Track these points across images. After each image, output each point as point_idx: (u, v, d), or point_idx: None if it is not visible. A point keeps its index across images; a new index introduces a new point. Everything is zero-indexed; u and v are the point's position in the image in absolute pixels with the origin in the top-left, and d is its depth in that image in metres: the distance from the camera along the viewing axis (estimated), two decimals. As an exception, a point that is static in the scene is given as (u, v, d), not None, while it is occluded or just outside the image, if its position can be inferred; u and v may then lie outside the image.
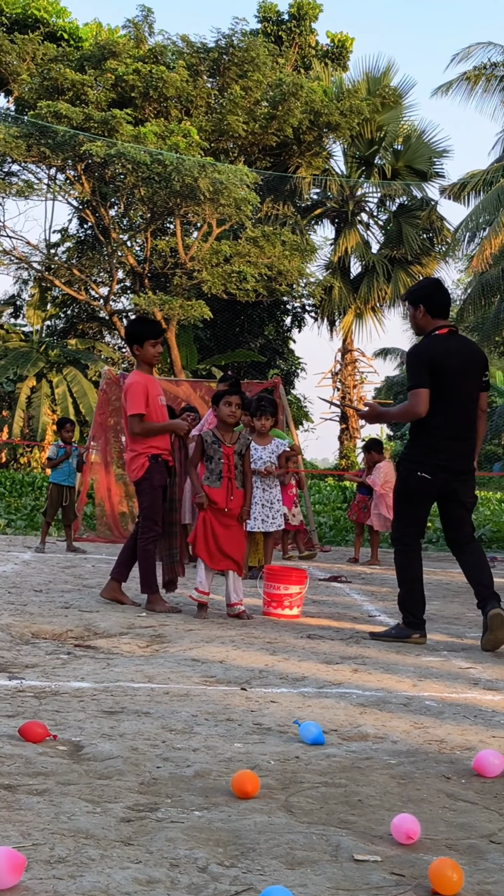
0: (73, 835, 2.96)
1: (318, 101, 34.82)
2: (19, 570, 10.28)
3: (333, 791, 3.51)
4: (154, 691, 4.96)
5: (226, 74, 34.09)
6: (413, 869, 2.83)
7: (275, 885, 2.59)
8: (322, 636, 7.12)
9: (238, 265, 31.74)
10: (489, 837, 3.14)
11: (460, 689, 5.47)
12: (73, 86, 32.00)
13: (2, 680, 5.04)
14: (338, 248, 39.17)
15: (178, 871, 2.73)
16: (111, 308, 36.97)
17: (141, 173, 29.83)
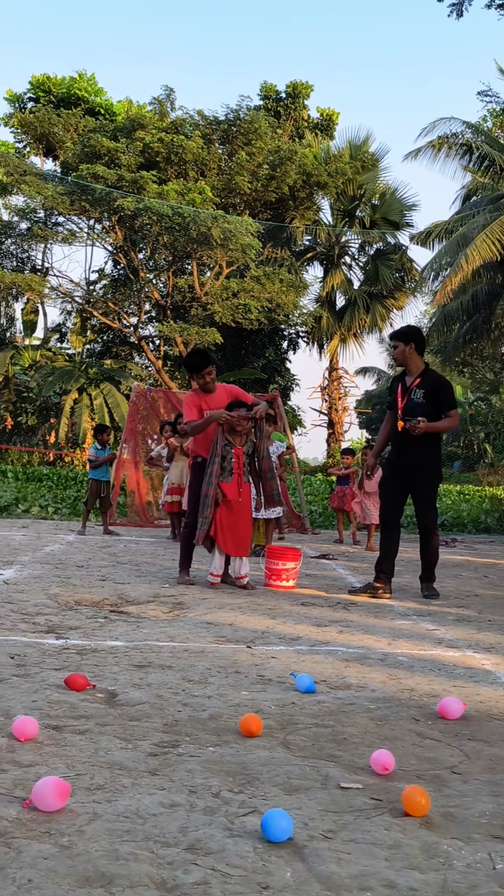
0: (109, 767, 2.97)
1: (310, 165, 34.85)
2: (64, 550, 10.29)
3: (323, 731, 3.52)
4: (175, 649, 4.97)
5: (234, 142, 34.13)
6: (388, 795, 2.84)
7: (275, 808, 2.59)
8: (313, 603, 7.13)
9: (244, 299, 31.78)
10: (451, 769, 3.14)
11: (427, 647, 5.47)
12: (108, 152, 32.04)
13: (50, 639, 5.05)
14: (325, 285, 39.24)
15: (196, 797, 2.74)
16: (139, 334, 37.04)
17: (164, 224, 29.89)
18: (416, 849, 2.45)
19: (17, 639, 5.01)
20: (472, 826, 2.63)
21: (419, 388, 7.70)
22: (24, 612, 5.91)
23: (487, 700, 4.15)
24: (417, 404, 7.64)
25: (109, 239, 35.19)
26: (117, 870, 2.22)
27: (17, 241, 37.27)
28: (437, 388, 7.74)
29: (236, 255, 31.23)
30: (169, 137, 32.22)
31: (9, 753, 3.04)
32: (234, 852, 2.36)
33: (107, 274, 39.42)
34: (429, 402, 7.64)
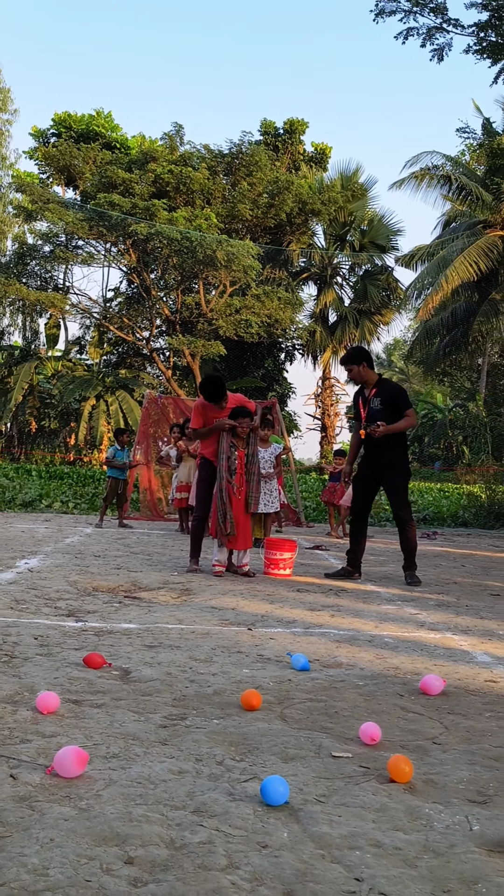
0: (123, 737, 2.97)
1: (305, 194, 34.89)
2: (82, 541, 10.29)
3: (316, 705, 3.52)
4: (183, 631, 4.97)
5: (236, 174, 34.16)
6: (375, 763, 2.84)
7: (273, 774, 2.60)
8: (307, 590, 7.13)
9: (245, 315, 31.83)
10: (432, 740, 3.15)
11: (410, 629, 5.47)
12: (123, 182, 32.08)
13: (70, 622, 5.05)
14: (319, 303, 39.34)
15: (202, 764, 2.74)
16: (151, 347, 37.08)
17: (173, 247, 29.93)
18: (400, 812, 2.45)
19: (41, 621, 5.01)
20: (451, 791, 2.63)
21: (376, 397, 7.89)
22: (46, 597, 5.92)
23: (465, 677, 4.16)
24: (377, 411, 7.83)
25: (124, 260, 35.25)
26: (131, 830, 2.23)
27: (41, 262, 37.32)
28: (392, 393, 7.92)
29: (239, 276, 31.29)
30: (178, 169, 32.27)
31: (33, 725, 3.04)
32: (236, 815, 2.37)
33: (122, 292, 39.46)
34: (387, 408, 7.82)
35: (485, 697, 3.79)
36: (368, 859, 2.15)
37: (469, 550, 12.12)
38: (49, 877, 1.97)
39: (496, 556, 11.50)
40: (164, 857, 2.11)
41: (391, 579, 8.17)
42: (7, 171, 43.21)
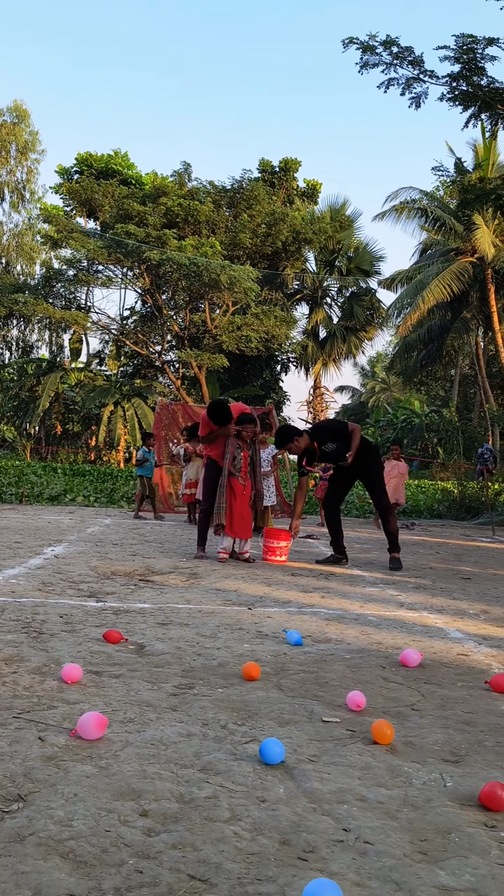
0: (138, 704, 2.97)
1: (298, 225, 34.95)
2: (102, 531, 10.29)
3: (309, 675, 3.52)
4: (191, 610, 4.97)
5: (238, 207, 34.22)
6: (361, 727, 2.84)
7: (271, 737, 2.60)
8: (301, 574, 7.13)
9: (245, 331, 31.87)
10: (411, 706, 3.15)
11: (391, 609, 5.47)
12: (138, 214, 32.12)
13: (92, 602, 5.05)
14: (310, 321, 39.40)
15: (207, 728, 2.74)
16: (163, 359, 37.10)
17: (182, 271, 29.96)
18: (382, 770, 2.45)
19: (65, 602, 5.01)
20: (427, 752, 2.63)
21: (323, 443, 7.88)
22: (70, 580, 5.92)
23: (440, 651, 4.16)
24: (333, 450, 7.84)
25: (139, 283, 35.28)
26: (145, 786, 2.23)
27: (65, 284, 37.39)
28: (331, 431, 7.99)
29: (240, 297, 31.31)
30: (186, 203, 32.32)
31: (58, 693, 3.04)
32: (238, 773, 2.37)
33: (136, 311, 39.51)
34: (337, 441, 7.82)
35: (457, 669, 3.79)
36: (355, 812, 2.15)
37: (443, 539, 12.12)
38: (73, 827, 1.98)
39: (467, 544, 11.50)
40: (175, 810, 2.11)
41: (374, 565, 8.17)
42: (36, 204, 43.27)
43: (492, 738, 2.79)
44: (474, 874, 1.85)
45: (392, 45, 13.76)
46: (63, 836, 1.93)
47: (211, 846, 1.92)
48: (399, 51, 13.80)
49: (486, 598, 6.18)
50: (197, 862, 1.85)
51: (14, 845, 1.88)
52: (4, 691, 3.04)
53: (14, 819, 2.01)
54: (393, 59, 13.88)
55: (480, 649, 4.26)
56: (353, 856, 1.92)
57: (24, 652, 3.64)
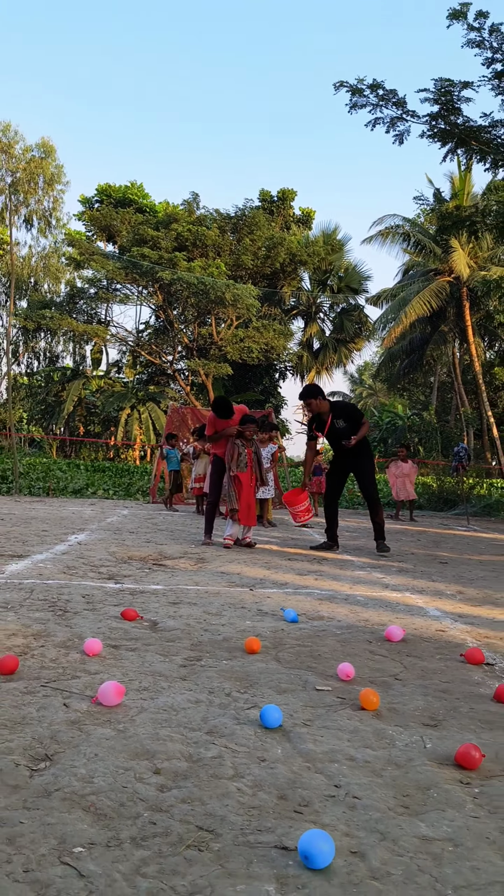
0: (152, 674, 2.97)
1: (295, 248, 34.90)
2: (120, 521, 10.29)
3: (304, 649, 3.51)
4: (199, 591, 4.97)
5: (241, 232, 34.18)
6: (350, 695, 2.84)
7: (270, 703, 2.60)
8: (296, 559, 7.12)
9: (248, 343, 31.84)
10: (394, 676, 3.14)
11: (377, 590, 5.47)
12: (152, 239, 32.07)
13: (111, 584, 5.05)
14: (305, 333, 39.32)
15: (213, 695, 2.74)
16: (174, 368, 37.05)
17: (191, 290, 29.92)
18: (369, 733, 2.45)
19: (87, 583, 5.01)
20: (409, 717, 2.63)
21: (337, 418, 7.75)
22: (91, 564, 5.92)
23: (420, 628, 4.15)
24: (342, 428, 7.71)
25: (153, 300, 35.24)
26: (158, 747, 2.23)
27: (87, 301, 37.38)
28: (348, 411, 7.82)
29: (242, 312, 31.27)
30: (195, 228, 32.29)
31: (81, 665, 3.04)
32: (241, 735, 2.37)
33: (151, 325, 39.45)
34: (348, 423, 7.72)
35: (436, 644, 3.78)
36: (345, 770, 2.15)
37: (423, 528, 12.11)
38: (94, 783, 1.98)
39: (445, 532, 11.49)
40: (185, 768, 2.11)
41: (362, 550, 8.16)
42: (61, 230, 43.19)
43: (466, 705, 2.79)
44: (451, 826, 1.86)
45: (378, 87, 13.73)
46: (85, 791, 1.93)
47: (216, 801, 1.92)
48: (384, 93, 13.77)
49: (462, 581, 6.18)
50: (204, 815, 1.85)
51: (41, 800, 1.88)
52: (33, 663, 3.04)
53: (41, 776, 2.01)
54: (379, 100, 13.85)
55: (456, 626, 4.25)
56: (343, 809, 1.92)
57: (50, 628, 3.64)
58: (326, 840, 1.64)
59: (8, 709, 2.49)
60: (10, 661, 2.87)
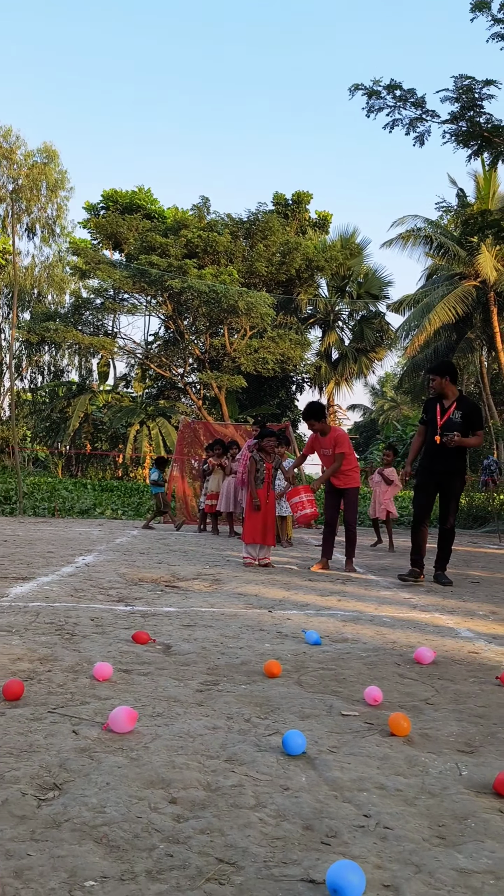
0: (166, 699, 2.95)
1: (311, 253, 35.02)
2: (130, 541, 10.29)
3: (327, 672, 3.48)
4: (214, 613, 4.95)
5: (254, 237, 34.35)
6: (378, 720, 2.81)
7: (292, 729, 2.57)
8: (318, 579, 7.08)
9: (262, 354, 31.89)
10: (425, 700, 3.11)
11: (405, 611, 5.42)
12: (161, 246, 32.32)
13: (120, 606, 5.04)
14: (323, 343, 39.33)
15: (232, 721, 2.72)
16: (185, 381, 37.21)
17: (202, 298, 30.08)
18: (400, 760, 2.42)
19: (96, 606, 5.00)
20: (443, 743, 2.59)
21: (458, 410, 7.07)
22: (100, 586, 5.91)
23: (451, 649, 4.11)
24: (455, 422, 7.02)
25: (162, 310, 35.45)
26: (174, 775, 2.21)
27: (93, 312, 37.67)
28: (472, 410, 7.11)
29: (257, 321, 31.37)
30: (206, 234, 32.50)
31: (91, 690, 3.03)
32: (262, 763, 2.34)
33: (160, 336, 39.65)
34: (464, 422, 7.02)
35: (469, 666, 3.74)
36: (374, 799, 2.12)
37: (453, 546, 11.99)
38: (106, 813, 1.96)
39: (475, 550, 11.40)
40: (202, 797, 2.08)
41: (388, 570, 8.11)
42: (65, 238, 43.66)
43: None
44: (491, 857, 1.82)
45: (396, 88, 13.80)
46: (97, 822, 1.91)
47: (237, 831, 1.90)
48: (402, 94, 13.84)
49: (495, 600, 6.12)
50: (224, 846, 1.82)
51: (50, 831, 1.86)
52: (40, 688, 3.03)
53: (50, 806, 1.99)
54: (397, 101, 13.91)
55: (491, 647, 4.20)
56: (374, 840, 1.88)
57: (57, 652, 3.63)
58: (357, 872, 1.60)
59: (14, 736, 2.48)
60: (15, 687, 2.86)
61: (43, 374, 45.59)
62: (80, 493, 21.69)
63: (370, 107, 14.01)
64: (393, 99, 13.92)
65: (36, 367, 45.13)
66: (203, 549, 9.60)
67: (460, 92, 13.59)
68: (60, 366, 45.68)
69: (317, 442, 8.22)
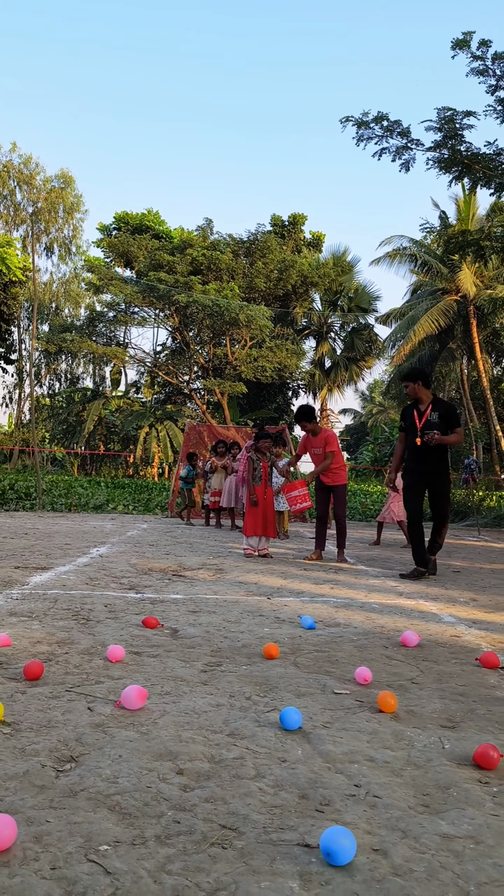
0: (174, 679, 2.95)
1: (306, 270, 35.03)
2: (140, 534, 10.28)
3: (321, 654, 3.48)
4: (218, 600, 4.94)
5: (253, 256, 34.36)
6: (368, 698, 2.80)
7: (289, 706, 2.57)
8: (312, 568, 7.07)
9: (261, 362, 31.89)
10: (411, 680, 3.10)
11: (392, 598, 5.42)
12: (168, 263, 32.32)
13: (132, 594, 5.03)
14: (317, 352, 39.31)
15: (234, 699, 2.71)
16: (190, 387, 37.16)
17: (206, 312, 30.08)
18: (388, 734, 2.42)
19: (109, 593, 5.00)
20: (427, 719, 2.59)
21: (434, 411, 6.81)
22: (113, 575, 5.91)
23: (435, 633, 4.10)
24: (434, 423, 6.76)
25: (169, 322, 35.44)
26: (181, 749, 2.21)
27: (106, 324, 37.68)
28: (448, 410, 6.85)
29: (256, 333, 31.38)
30: (209, 253, 32.49)
31: (105, 671, 3.02)
32: (261, 737, 2.34)
33: (167, 346, 39.64)
34: (442, 422, 6.75)
35: (451, 648, 3.74)
36: (364, 770, 2.12)
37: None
38: (119, 784, 1.96)
39: (456, 542, 11.39)
40: (207, 769, 2.08)
41: (376, 561, 8.09)
42: (81, 256, 43.68)
43: (483, 707, 2.74)
44: (471, 823, 1.82)
45: (383, 119, 13.81)
46: (110, 791, 1.91)
47: (239, 800, 1.90)
48: (389, 124, 13.85)
49: (475, 588, 6.11)
50: (227, 813, 1.82)
51: (68, 799, 1.86)
52: (58, 669, 3.03)
53: (67, 777, 1.99)
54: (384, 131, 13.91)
55: (471, 631, 4.20)
56: (364, 808, 1.88)
57: (74, 636, 3.63)
58: (348, 837, 1.60)
59: (34, 713, 2.48)
60: (35, 668, 2.86)
61: (60, 381, 45.62)
62: (94, 489, 21.68)
63: (360, 136, 14.01)
64: (381, 129, 13.92)
65: (54, 374, 45.15)
66: (207, 541, 9.60)
67: (443, 122, 13.60)
68: (76, 373, 45.72)
69: (308, 442, 8.18)
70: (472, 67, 13.27)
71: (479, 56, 13.12)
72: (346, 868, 1.59)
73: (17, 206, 42.58)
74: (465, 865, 1.63)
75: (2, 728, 2.33)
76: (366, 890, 1.52)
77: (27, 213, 42.30)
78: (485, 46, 13.04)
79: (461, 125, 13.58)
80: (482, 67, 13.23)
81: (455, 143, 13.79)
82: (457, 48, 13.15)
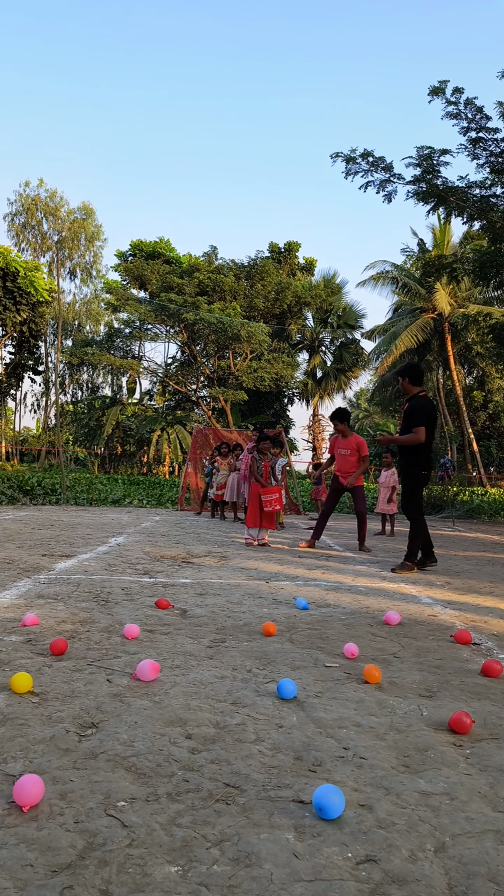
0: (183, 654, 2.94)
1: (300, 292, 35.04)
2: (153, 525, 10.27)
3: (314, 632, 3.48)
4: (222, 584, 4.94)
5: (253, 279, 34.35)
6: (355, 670, 2.80)
7: (286, 678, 2.56)
8: (306, 556, 7.06)
9: (260, 373, 31.88)
10: (393, 654, 3.10)
11: (377, 581, 5.41)
12: (177, 285, 32.31)
13: (146, 578, 5.03)
14: (309, 364, 39.32)
15: (236, 672, 2.71)
16: (197, 395, 37.15)
17: (211, 328, 30.10)
18: (373, 703, 2.41)
19: (126, 578, 4.99)
20: (407, 689, 2.59)
21: (404, 411, 6.24)
22: (129, 562, 5.90)
23: (414, 613, 4.10)
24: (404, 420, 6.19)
25: (178, 338, 35.43)
26: (189, 716, 2.20)
27: (123, 340, 37.70)
28: (410, 409, 6.12)
29: (255, 347, 31.40)
30: (214, 276, 32.49)
31: (122, 646, 3.02)
32: (261, 705, 2.34)
33: (177, 359, 39.62)
34: (405, 422, 6.13)
35: (428, 626, 3.73)
36: (352, 735, 2.11)
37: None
38: (134, 747, 1.96)
39: (433, 533, 11.35)
40: (213, 733, 2.08)
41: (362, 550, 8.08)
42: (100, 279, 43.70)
43: (457, 679, 2.74)
44: (447, 782, 1.82)
45: (369, 155, 13.83)
46: (127, 753, 1.91)
47: (241, 761, 1.89)
48: (374, 160, 13.85)
49: (449, 573, 6.11)
50: (230, 773, 1.82)
51: (89, 761, 1.86)
52: (80, 645, 3.03)
53: (89, 741, 1.99)
54: (370, 166, 13.91)
55: (446, 611, 4.20)
56: (352, 768, 1.88)
57: (94, 616, 3.63)
58: (337, 794, 1.60)
59: (59, 684, 2.48)
60: (61, 644, 2.86)
61: (82, 390, 45.64)
62: (112, 486, 21.66)
63: (348, 170, 14.01)
64: (366, 164, 13.93)
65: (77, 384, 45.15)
66: (213, 532, 9.59)
67: (421, 159, 13.61)
68: (96, 383, 45.72)
69: (337, 442, 7.76)
70: (447, 111, 13.27)
71: (453, 101, 13.12)
72: (336, 821, 1.59)
73: (43, 235, 42.62)
74: (441, 819, 1.63)
75: (30, 698, 2.33)
76: (353, 840, 1.52)
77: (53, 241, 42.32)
78: (458, 93, 13.05)
79: (437, 161, 13.59)
80: (455, 111, 13.24)
81: (432, 177, 13.80)
82: (433, 95, 13.16)
